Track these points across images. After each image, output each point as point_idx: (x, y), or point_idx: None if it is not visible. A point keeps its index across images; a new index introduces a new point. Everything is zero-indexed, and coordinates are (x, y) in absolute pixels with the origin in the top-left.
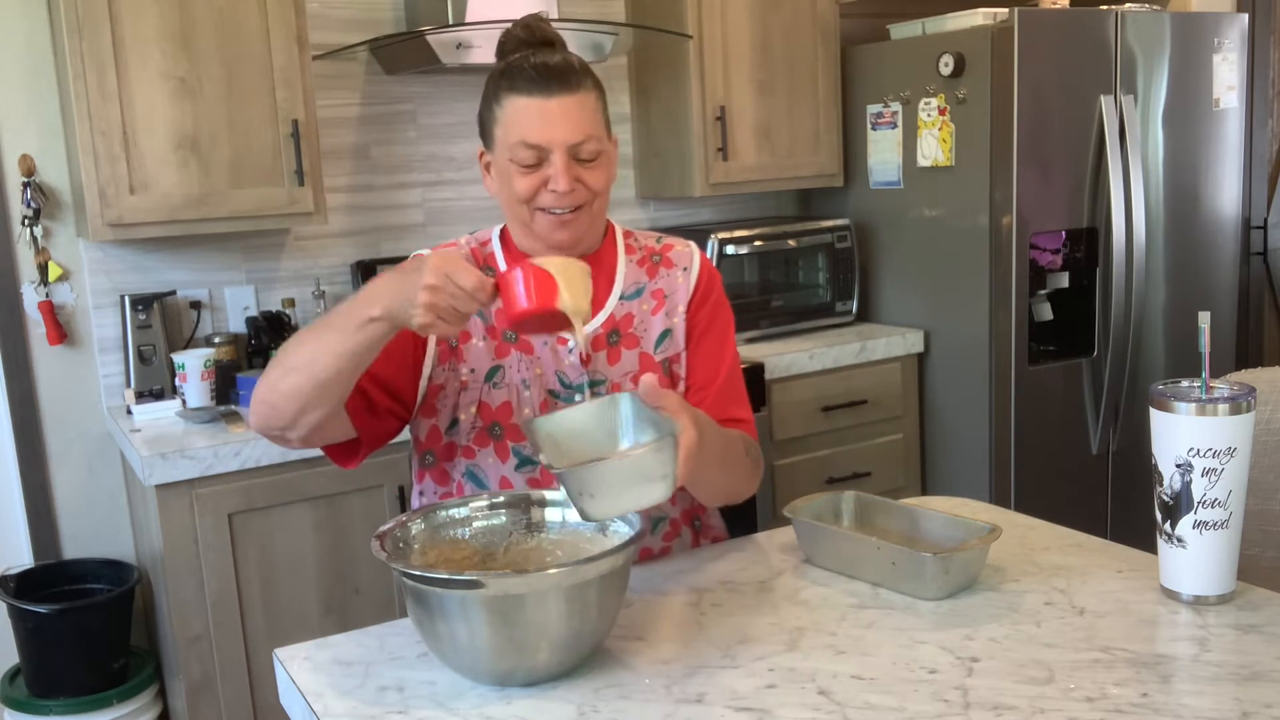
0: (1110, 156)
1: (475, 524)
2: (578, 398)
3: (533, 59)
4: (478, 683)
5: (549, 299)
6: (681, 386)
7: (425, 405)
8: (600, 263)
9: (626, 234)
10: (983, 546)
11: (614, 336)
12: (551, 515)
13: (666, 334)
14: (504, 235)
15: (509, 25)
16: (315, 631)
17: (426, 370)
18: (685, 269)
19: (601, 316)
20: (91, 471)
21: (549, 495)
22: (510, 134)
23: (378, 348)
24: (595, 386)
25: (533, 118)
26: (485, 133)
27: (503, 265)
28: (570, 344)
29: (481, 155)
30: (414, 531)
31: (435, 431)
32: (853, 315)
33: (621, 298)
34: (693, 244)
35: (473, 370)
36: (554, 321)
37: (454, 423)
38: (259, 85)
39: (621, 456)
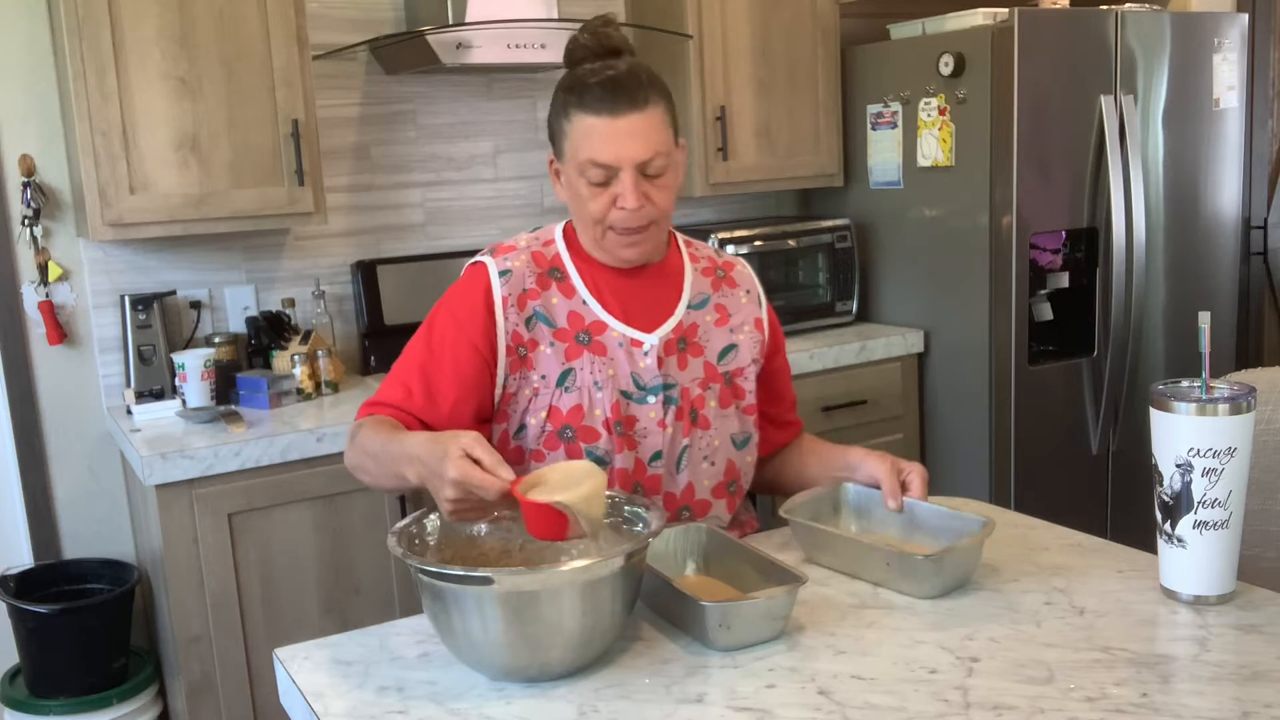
0: (1110, 156)
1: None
2: (650, 399)
3: (600, 74)
4: (492, 679)
5: (561, 532)
6: (749, 399)
7: (498, 412)
8: (666, 270)
9: (687, 242)
10: (976, 544)
11: (682, 343)
12: None
13: (731, 349)
14: (567, 233)
15: (576, 29)
16: (315, 631)
17: (500, 379)
18: (748, 292)
19: (671, 323)
20: (91, 471)
21: None
22: (579, 152)
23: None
24: (669, 389)
25: (601, 137)
26: (555, 142)
27: (570, 268)
28: (646, 345)
29: (551, 162)
30: (430, 528)
31: (504, 436)
32: (853, 315)
33: (689, 307)
34: (745, 264)
35: (543, 376)
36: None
37: (521, 428)
38: (259, 85)
39: (754, 598)
